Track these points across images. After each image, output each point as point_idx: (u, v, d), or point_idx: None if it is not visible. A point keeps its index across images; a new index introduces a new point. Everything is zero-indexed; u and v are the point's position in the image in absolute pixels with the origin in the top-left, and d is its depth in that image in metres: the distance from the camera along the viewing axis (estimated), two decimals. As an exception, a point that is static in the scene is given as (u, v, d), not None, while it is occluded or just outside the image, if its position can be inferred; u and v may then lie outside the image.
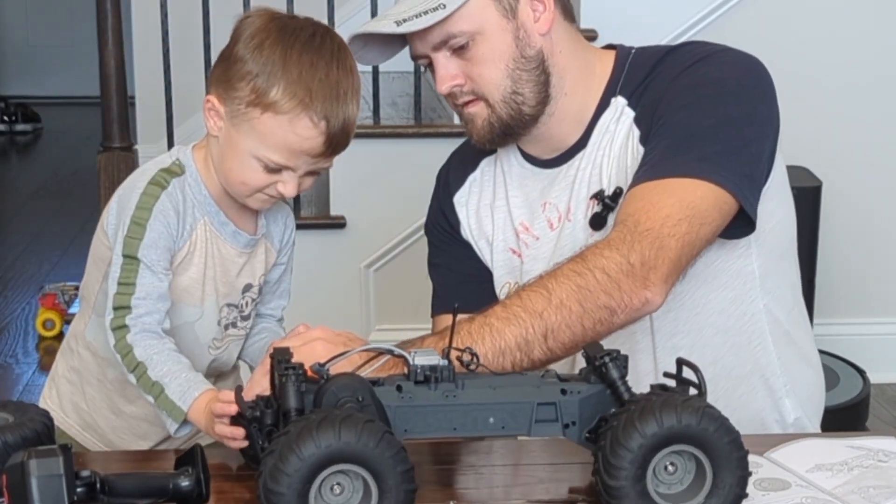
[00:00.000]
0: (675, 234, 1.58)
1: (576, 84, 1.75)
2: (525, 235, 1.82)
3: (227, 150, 1.67)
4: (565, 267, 1.58)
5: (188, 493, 1.37)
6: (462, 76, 1.71)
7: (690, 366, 1.42)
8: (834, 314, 3.65)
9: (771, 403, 1.82)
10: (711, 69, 1.70)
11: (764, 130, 1.71)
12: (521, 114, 1.72)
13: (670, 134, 1.66)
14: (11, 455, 1.31)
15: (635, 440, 1.31)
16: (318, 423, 1.26)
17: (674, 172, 1.62)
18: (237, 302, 1.78)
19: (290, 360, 1.39)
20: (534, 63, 1.71)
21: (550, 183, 1.80)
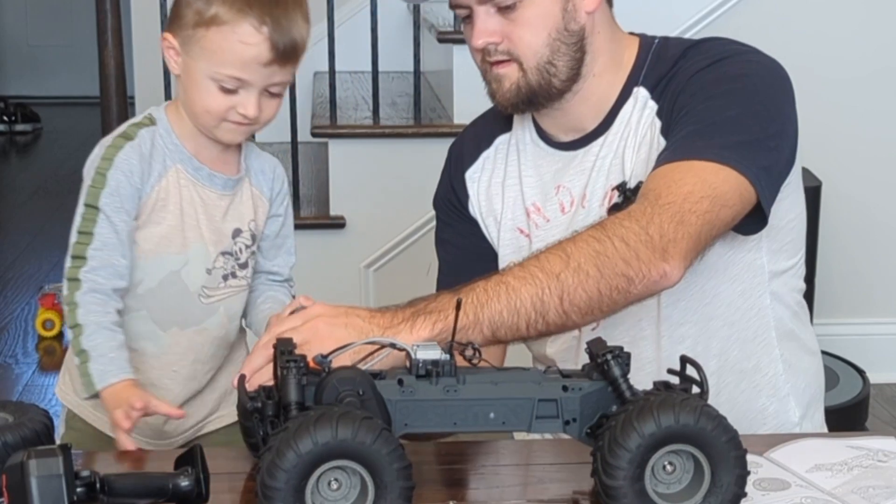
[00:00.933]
0: (695, 211, 1.57)
1: (605, 68, 1.77)
2: (536, 216, 1.83)
3: (188, 82, 1.75)
4: (585, 233, 1.56)
5: (188, 493, 1.37)
6: (500, 35, 1.71)
7: (693, 364, 1.42)
8: (834, 314, 3.65)
9: (774, 401, 1.82)
10: (736, 66, 1.71)
11: (785, 128, 1.71)
12: (550, 85, 1.73)
13: (693, 122, 1.66)
14: (11, 455, 1.31)
15: (633, 440, 1.31)
16: (316, 419, 1.26)
17: (697, 155, 1.62)
18: (230, 249, 1.81)
19: (293, 352, 1.40)
20: (574, 38, 1.72)
21: (566, 166, 1.80)
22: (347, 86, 4.08)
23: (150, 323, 1.80)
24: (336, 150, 3.60)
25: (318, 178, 3.86)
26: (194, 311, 1.81)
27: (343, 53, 3.73)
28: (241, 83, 1.71)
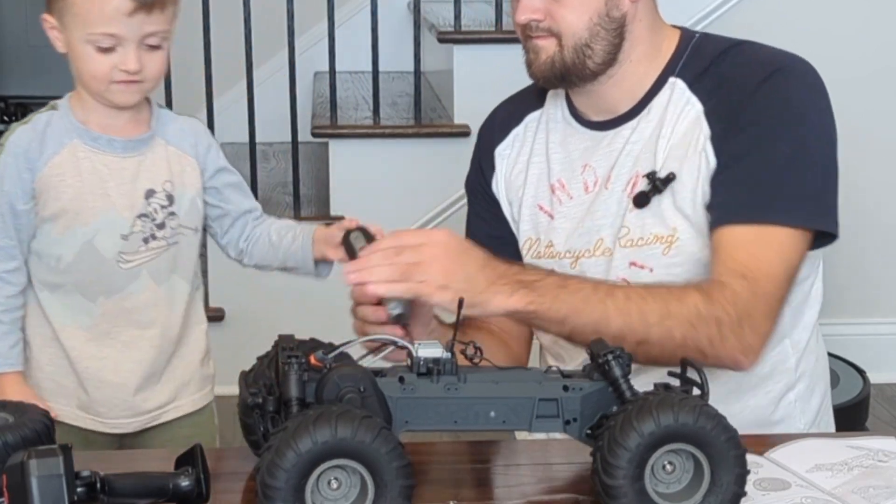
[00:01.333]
0: (781, 297, 1.68)
1: (643, 55, 1.79)
2: (560, 193, 1.84)
3: (72, 55, 1.81)
4: (693, 298, 1.63)
5: (188, 493, 1.37)
6: (543, 13, 1.75)
7: (694, 366, 1.42)
8: (835, 314, 3.65)
9: (781, 408, 1.82)
10: (795, 91, 1.74)
11: (835, 150, 1.76)
12: (584, 66, 1.76)
13: (765, 168, 1.69)
14: (11, 455, 1.31)
15: (633, 439, 1.31)
16: (315, 418, 1.26)
17: (772, 218, 1.68)
18: (145, 210, 1.83)
19: (294, 348, 1.40)
20: (615, 24, 1.75)
21: (595, 145, 1.83)
22: (348, 86, 4.08)
23: (78, 295, 1.84)
24: (336, 150, 3.60)
25: (319, 178, 3.86)
26: (115, 279, 1.84)
27: (343, 53, 3.73)
28: (115, 39, 1.76)
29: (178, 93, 3.73)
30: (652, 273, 1.74)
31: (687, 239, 1.72)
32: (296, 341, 1.43)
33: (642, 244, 1.74)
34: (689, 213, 1.72)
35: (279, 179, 3.97)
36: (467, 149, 3.80)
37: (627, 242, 1.75)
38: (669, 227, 1.73)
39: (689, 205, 1.72)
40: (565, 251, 1.82)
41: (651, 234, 1.74)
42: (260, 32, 3.74)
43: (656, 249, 1.73)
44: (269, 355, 1.50)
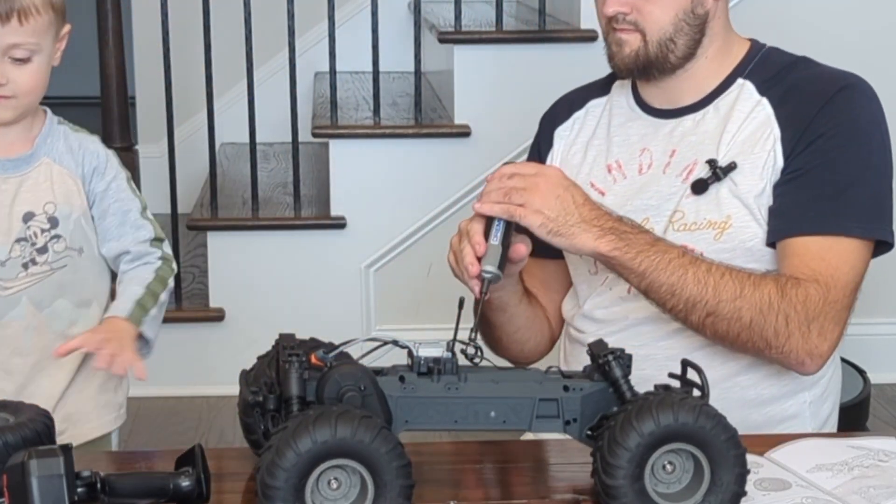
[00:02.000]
0: (848, 307, 1.74)
1: (717, 53, 1.85)
2: (616, 172, 1.88)
3: None
4: (768, 287, 1.69)
5: (188, 493, 1.37)
6: (630, 6, 1.79)
7: (694, 367, 1.42)
8: (834, 314, 3.65)
9: (793, 405, 1.82)
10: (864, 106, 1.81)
11: (892, 166, 1.83)
12: (666, 59, 1.81)
13: (834, 180, 1.75)
14: (11, 455, 1.31)
15: (633, 439, 1.31)
16: (315, 418, 1.27)
17: (842, 230, 1.74)
18: (24, 235, 1.77)
19: (295, 346, 1.40)
20: (698, 21, 1.81)
21: (655, 131, 1.87)
22: (348, 86, 4.08)
23: None
24: (337, 150, 3.60)
25: (319, 178, 3.86)
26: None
27: (344, 53, 3.73)
28: None
29: (178, 93, 3.73)
30: (701, 256, 1.77)
31: (739, 227, 1.77)
32: (296, 340, 1.43)
33: (695, 229, 1.78)
34: (747, 203, 1.76)
35: (279, 179, 3.97)
36: (467, 149, 3.82)
37: (681, 227, 1.79)
38: (724, 214, 1.77)
39: (747, 195, 1.76)
40: None
41: (705, 219, 1.78)
42: (260, 33, 3.74)
43: (708, 234, 1.77)
44: (269, 355, 1.50)
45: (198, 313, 3.62)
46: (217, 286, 3.62)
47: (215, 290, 3.62)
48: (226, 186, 3.87)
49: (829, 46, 3.55)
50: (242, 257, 3.61)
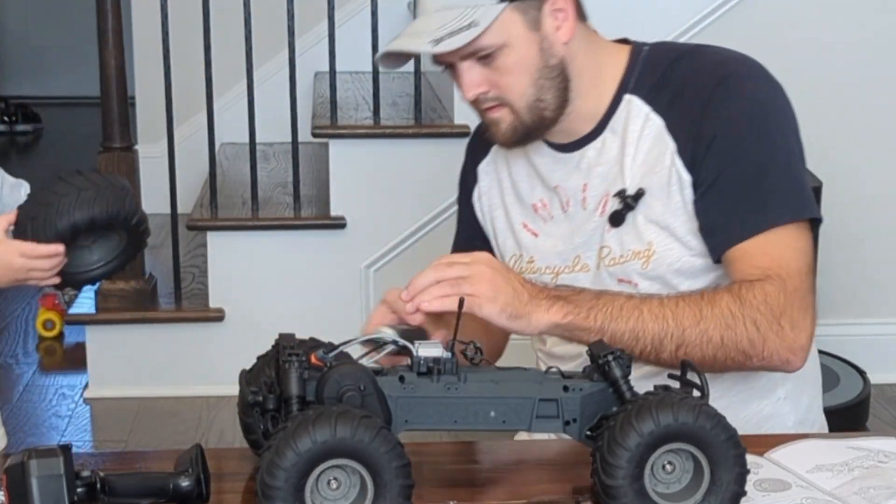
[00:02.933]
0: (810, 290, 1.70)
1: (591, 84, 1.79)
2: (543, 211, 1.85)
3: None
4: (724, 299, 1.65)
5: (188, 493, 1.37)
6: (487, 84, 1.74)
7: (694, 368, 1.42)
8: (834, 314, 3.65)
9: (768, 404, 1.82)
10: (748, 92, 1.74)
11: (800, 139, 1.78)
12: (542, 118, 1.76)
13: (743, 177, 1.71)
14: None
15: (632, 439, 1.31)
16: (315, 418, 1.27)
17: (773, 221, 1.70)
18: None
19: (294, 346, 1.40)
20: (556, 71, 1.74)
21: (563, 166, 1.83)
22: (348, 86, 4.08)
23: None
24: (337, 150, 3.60)
25: (319, 178, 3.86)
26: None
27: (344, 53, 3.73)
28: None
29: (178, 93, 3.73)
30: (637, 287, 1.76)
31: (663, 251, 1.74)
32: (296, 340, 1.43)
33: (623, 261, 1.76)
34: (665, 225, 1.74)
35: (279, 179, 3.97)
36: (467, 149, 3.77)
37: (611, 261, 1.77)
38: (645, 242, 1.75)
39: (661, 217, 1.74)
40: (545, 266, 1.84)
41: (629, 250, 1.76)
42: (260, 33, 3.74)
43: (636, 265, 1.75)
44: (269, 354, 1.51)
45: (198, 313, 3.62)
46: (217, 286, 3.62)
47: (215, 290, 3.62)
48: (226, 186, 3.87)
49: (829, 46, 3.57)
50: (242, 257, 3.62)
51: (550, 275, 1.83)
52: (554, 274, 1.83)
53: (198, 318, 3.61)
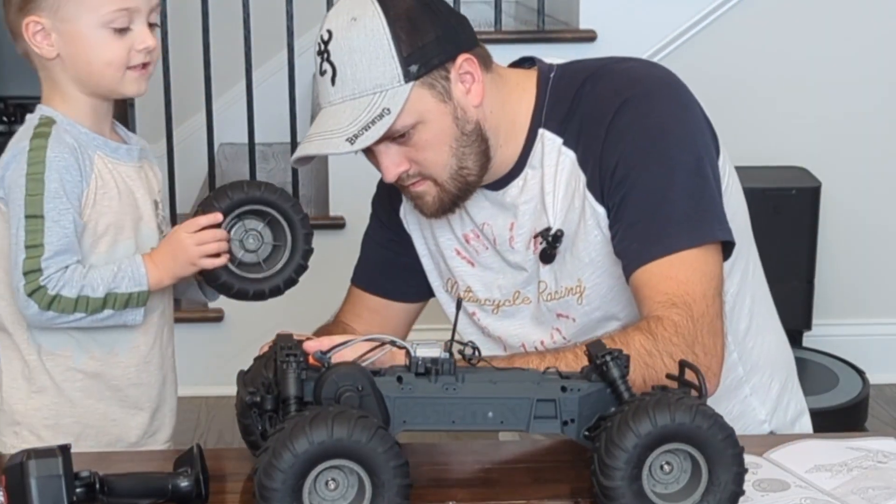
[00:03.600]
0: (718, 314, 1.66)
1: (507, 132, 1.76)
2: (476, 243, 1.83)
3: (76, 50, 1.67)
4: (637, 340, 1.61)
5: (187, 493, 1.37)
6: (407, 162, 1.70)
7: (692, 368, 1.42)
8: (832, 314, 3.65)
9: (736, 404, 1.83)
10: (647, 116, 1.70)
11: (709, 154, 1.73)
12: (467, 184, 1.73)
13: (644, 203, 1.67)
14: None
15: (630, 440, 1.31)
16: (311, 419, 1.27)
17: (676, 246, 1.66)
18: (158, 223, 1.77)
19: (292, 347, 1.40)
20: (473, 136, 1.71)
21: (490, 204, 1.80)
22: (347, 86, 4.07)
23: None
24: (336, 150, 3.60)
25: (318, 178, 3.86)
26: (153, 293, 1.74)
27: (343, 54, 3.72)
28: (130, 13, 1.66)
29: (178, 93, 3.73)
30: (575, 322, 1.76)
31: (593, 285, 1.73)
32: (294, 340, 1.43)
33: (559, 297, 1.76)
34: (588, 261, 1.73)
35: (279, 179, 3.98)
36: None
37: (548, 296, 1.77)
38: (575, 279, 1.74)
39: (585, 253, 1.72)
40: (484, 299, 1.83)
41: (563, 287, 1.75)
42: (260, 33, 3.74)
43: (571, 300, 1.75)
44: (266, 355, 1.50)
45: (197, 313, 3.62)
46: (216, 286, 3.62)
47: (215, 290, 3.62)
48: (225, 187, 3.86)
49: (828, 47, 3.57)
50: (242, 258, 3.61)
51: (491, 307, 1.83)
52: (495, 306, 1.83)
53: (198, 318, 3.61)
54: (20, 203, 1.64)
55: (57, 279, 1.63)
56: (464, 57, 1.69)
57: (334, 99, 1.68)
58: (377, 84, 1.65)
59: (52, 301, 1.62)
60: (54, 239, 1.63)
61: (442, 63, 1.67)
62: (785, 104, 3.54)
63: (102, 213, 1.69)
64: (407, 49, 1.65)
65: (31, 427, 1.73)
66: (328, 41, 1.70)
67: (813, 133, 3.56)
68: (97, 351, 1.71)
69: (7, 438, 1.74)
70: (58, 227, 1.64)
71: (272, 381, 1.41)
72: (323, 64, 1.69)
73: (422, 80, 1.66)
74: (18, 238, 1.63)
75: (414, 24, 1.66)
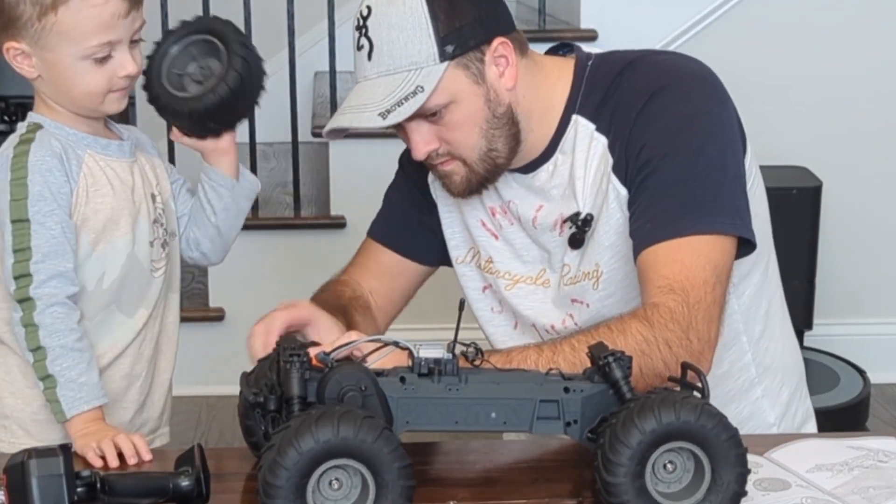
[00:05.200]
0: (716, 301, 1.66)
1: (540, 117, 1.76)
2: (501, 218, 1.84)
3: (56, 76, 1.67)
4: (634, 327, 1.61)
5: (188, 493, 1.37)
6: (437, 140, 1.71)
7: (695, 369, 1.42)
8: (834, 314, 3.65)
9: (747, 405, 1.83)
10: (678, 104, 1.71)
11: (736, 150, 1.74)
12: (496, 167, 1.74)
13: (664, 187, 1.69)
14: None
15: (634, 436, 1.31)
16: (318, 417, 1.27)
17: (687, 230, 1.66)
18: (156, 216, 1.76)
19: (296, 347, 1.40)
20: (504, 119, 1.72)
21: (517, 185, 1.81)
22: (348, 86, 4.07)
23: (117, 313, 1.74)
24: (337, 150, 3.60)
25: (319, 178, 3.86)
26: (152, 288, 1.76)
27: (344, 53, 3.71)
28: (111, 45, 1.65)
29: (179, 93, 3.72)
30: (589, 308, 1.76)
31: (610, 271, 1.74)
32: (297, 342, 1.43)
33: (576, 282, 1.77)
34: (608, 245, 1.73)
35: (279, 179, 3.97)
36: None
37: (569, 281, 1.78)
38: (593, 263, 1.75)
39: (606, 237, 1.73)
40: (504, 272, 1.84)
41: (581, 271, 1.76)
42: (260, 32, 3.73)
43: (587, 285, 1.76)
44: (269, 357, 1.51)
45: (198, 313, 3.62)
46: (217, 286, 3.62)
47: (215, 290, 3.62)
48: (225, 186, 3.86)
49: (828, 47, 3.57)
50: (242, 257, 3.61)
51: (507, 281, 1.83)
52: (512, 281, 1.83)
53: (198, 318, 3.61)
54: (5, 209, 1.64)
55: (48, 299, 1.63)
56: (500, 40, 1.71)
57: (370, 74, 1.69)
58: (413, 61, 1.66)
59: (29, 323, 1.63)
60: (41, 241, 1.64)
61: (478, 45, 1.69)
62: (786, 104, 3.54)
63: (97, 209, 1.69)
64: (444, 29, 1.66)
65: (20, 421, 1.73)
66: (367, 17, 1.69)
67: (814, 133, 3.56)
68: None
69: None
70: (43, 229, 1.64)
71: (276, 382, 1.41)
72: (360, 39, 1.70)
73: (457, 60, 1.67)
74: (6, 243, 1.64)
75: (452, 5, 1.67)
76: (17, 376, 1.73)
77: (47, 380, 1.62)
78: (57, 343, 1.63)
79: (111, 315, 1.74)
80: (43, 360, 1.62)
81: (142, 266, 1.74)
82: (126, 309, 1.75)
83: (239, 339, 3.82)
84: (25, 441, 1.70)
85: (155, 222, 1.76)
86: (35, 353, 1.63)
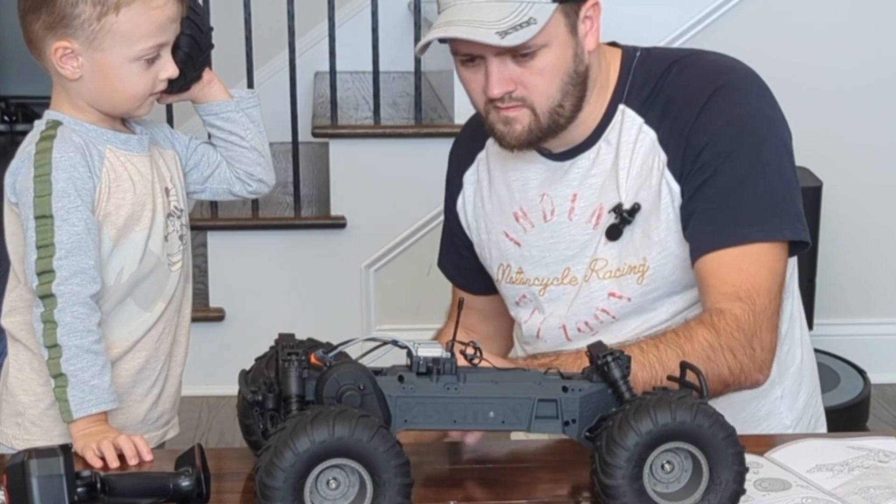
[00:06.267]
0: (777, 310, 1.70)
1: (596, 94, 1.78)
2: (524, 221, 1.85)
3: (102, 78, 1.67)
4: (700, 334, 1.64)
5: (188, 492, 1.37)
6: (514, 83, 1.71)
7: (693, 369, 1.42)
8: (834, 314, 3.65)
9: (765, 404, 1.83)
10: (737, 105, 1.73)
11: (790, 149, 1.77)
12: (557, 125, 1.74)
13: (726, 191, 1.70)
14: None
15: (631, 438, 1.31)
16: (313, 418, 1.27)
17: (751, 238, 1.69)
18: (171, 210, 1.77)
19: (294, 346, 1.40)
20: (580, 79, 1.73)
21: (552, 175, 1.82)
22: (348, 86, 4.08)
23: (133, 306, 1.75)
24: (337, 150, 3.60)
25: (319, 178, 3.86)
26: (169, 281, 1.77)
27: (344, 53, 3.73)
28: (161, 47, 1.67)
29: (179, 93, 3.72)
30: (630, 302, 1.76)
31: (657, 266, 1.74)
32: (295, 340, 1.43)
33: (619, 275, 1.76)
34: (657, 240, 1.74)
35: (279, 179, 3.95)
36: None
37: (606, 274, 1.77)
38: (640, 258, 1.75)
39: (656, 232, 1.74)
40: (534, 278, 1.84)
41: (626, 264, 1.76)
42: (260, 33, 3.74)
43: (632, 279, 1.76)
44: (267, 355, 1.51)
45: (198, 313, 3.61)
46: (217, 286, 3.62)
47: (215, 290, 3.62)
48: (226, 186, 3.86)
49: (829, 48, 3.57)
50: (242, 257, 3.62)
51: (538, 287, 1.83)
52: (542, 286, 1.83)
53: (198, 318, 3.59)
54: (29, 205, 1.64)
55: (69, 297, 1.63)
56: (594, 0, 1.72)
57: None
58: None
59: (48, 319, 1.63)
60: (64, 238, 1.63)
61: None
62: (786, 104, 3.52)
63: (119, 204, 1.70)
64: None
65: (33, 418, 1.73)
66: None
67: (814, 133, 3.56)
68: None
69: (8, 430, 1.76)
70: (67, 225, 1.64)
71: (274, 380, 1.41)
72: None
73: (563, 5, 1.68)
74: (29, 239, 1.64)
75: None
76: (29, 374, 1.73)
77: (59, 378, 1.62)
78: (73, 343, 1.63)
79: (126, 307, 1.74)
80: (57, 358, 1.62)
81: (158, 260, 1.75)
82: (143, 303, 1.76)
83: (239, 339, 3.85)
84: (39, 438, 1.71)
85: (170, 216, 1.77)
86: (51, 350, 1.63)
